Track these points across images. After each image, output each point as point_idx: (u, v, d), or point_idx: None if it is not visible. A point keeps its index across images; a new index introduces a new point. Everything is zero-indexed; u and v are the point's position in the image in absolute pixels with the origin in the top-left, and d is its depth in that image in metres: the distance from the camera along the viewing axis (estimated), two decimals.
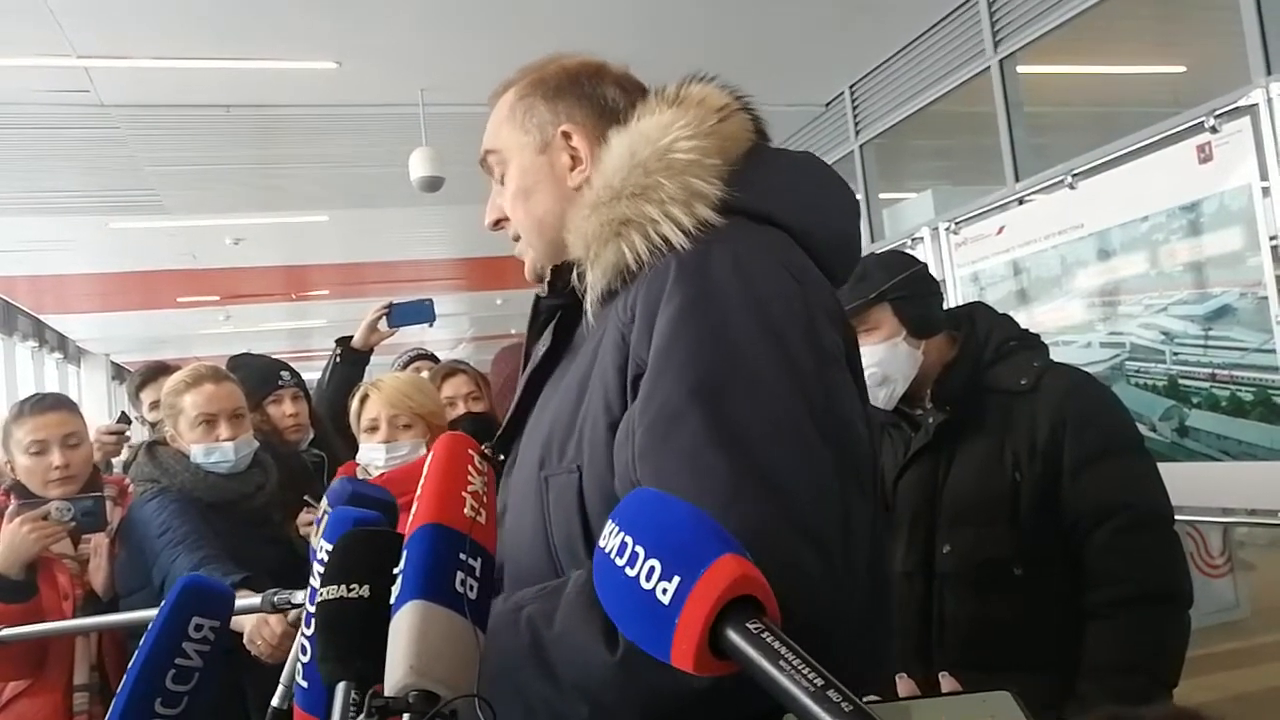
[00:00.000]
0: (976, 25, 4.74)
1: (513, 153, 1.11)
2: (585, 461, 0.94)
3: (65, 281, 9.40)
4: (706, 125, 1.00)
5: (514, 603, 0.91)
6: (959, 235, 4.03)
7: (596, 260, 0.98)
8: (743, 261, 0.93)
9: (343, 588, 0.74)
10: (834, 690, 0.50)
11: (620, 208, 0.97)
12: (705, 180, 0.96)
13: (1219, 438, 2.93)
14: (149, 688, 0.85)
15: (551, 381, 1.07)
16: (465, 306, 12.89)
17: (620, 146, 1.00)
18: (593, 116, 1.07)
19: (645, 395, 0.89)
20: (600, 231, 0.98)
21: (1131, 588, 1.62)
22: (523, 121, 1.10)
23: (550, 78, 1.11)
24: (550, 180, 1.08)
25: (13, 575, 1.98)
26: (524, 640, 0.86)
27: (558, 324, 1.09)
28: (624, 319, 0.95)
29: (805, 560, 0.81)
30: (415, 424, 2.23)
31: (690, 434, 0.85)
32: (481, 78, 4.59)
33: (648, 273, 0.95)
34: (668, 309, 0.91)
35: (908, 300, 1.83)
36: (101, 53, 4.52)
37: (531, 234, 1.11)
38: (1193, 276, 3.00)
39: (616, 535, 0.62)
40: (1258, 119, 2.72)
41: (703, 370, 0.87)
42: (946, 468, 1.80)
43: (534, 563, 0.97)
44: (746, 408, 0.86)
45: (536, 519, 0.97)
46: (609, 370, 0.95)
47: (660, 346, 0.90)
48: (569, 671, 0.83)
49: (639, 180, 0.97)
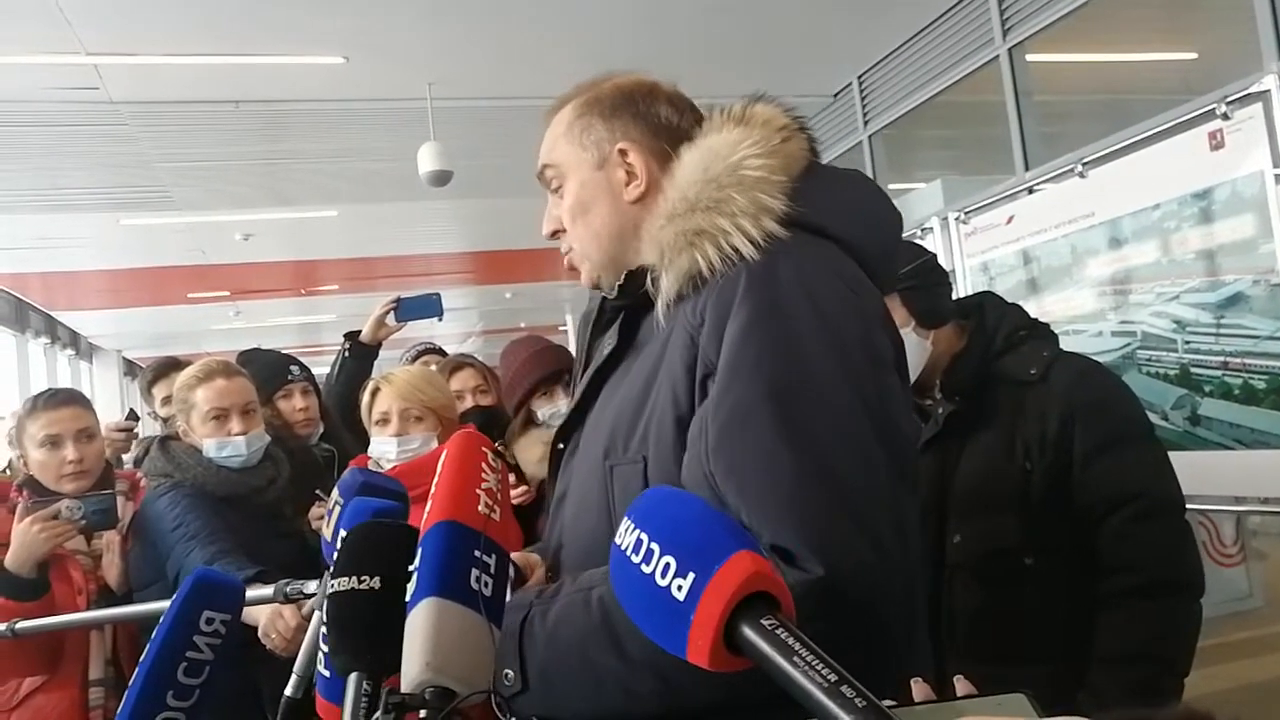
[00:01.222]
0: (985, 14, 4.72)
1: (570, 168, 1.17)
2: (650, 452, 1.02)
3: (77, 278, 9.43)
4: (772, 144, 1.07)
5: (583, 584, 0.98)
6: (968, 225, 4.01)
7: (671, 266, 1.05)
8: (806, 273, 1.01)
9: (354, 579, 0.74)
10: (848, 686, 0.50)
11: (695, 219, 1.03)
12: (772, 196, 1.03)
13: (1231, 426, 2.91)
14: (161, 680, 0.86)
15: (615, 378, 1.14)
16: (474, 300, 12.89)
17: (693, 161, 1.07)
18: (648, 134, 1.14)
19: (718, 395, 0.97)
20: (675, 240, 1.04)
21: (1142, 577, 1.61)
22: (580, 138, 1.16)
23: (606, 97, 1.17)
24: (608, 195, 1.14)
25: (24, 574, 1.99)
26: (595, 619, 0.93)
27: (623, 324, 1.15)
28: (694, 322, 1.02)
29: (861, 549, 0.89)
30: (426, 417, 2.23)
31: (761, 431, 0.93)
32: (488, 72, 4.57)
33: (718, 280, 1.01)
34: (739, 316, 0.98)
35: (916, 290, 1.83)
36: (110, 50, 4.53)
37: (589, 246, 1.16)
38: (1204, 264, 2.97)
39: (632, 532, 0.63)
40: (1269, 105, 2.70)
41: (772, 374, 0.95)
42: (956, 458, 1.80)
43: (596, 545, 1.02)
44: (813, 410, 0.94)
45: (601, 505, 1.05)
46: (678, 368, 1.02)
47: (732, 351, 0.98)
48: (638, 649, 0.88)
49: (712, 194, 1.03)
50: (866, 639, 0.88)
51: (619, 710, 0.94)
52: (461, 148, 5.20)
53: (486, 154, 5.85)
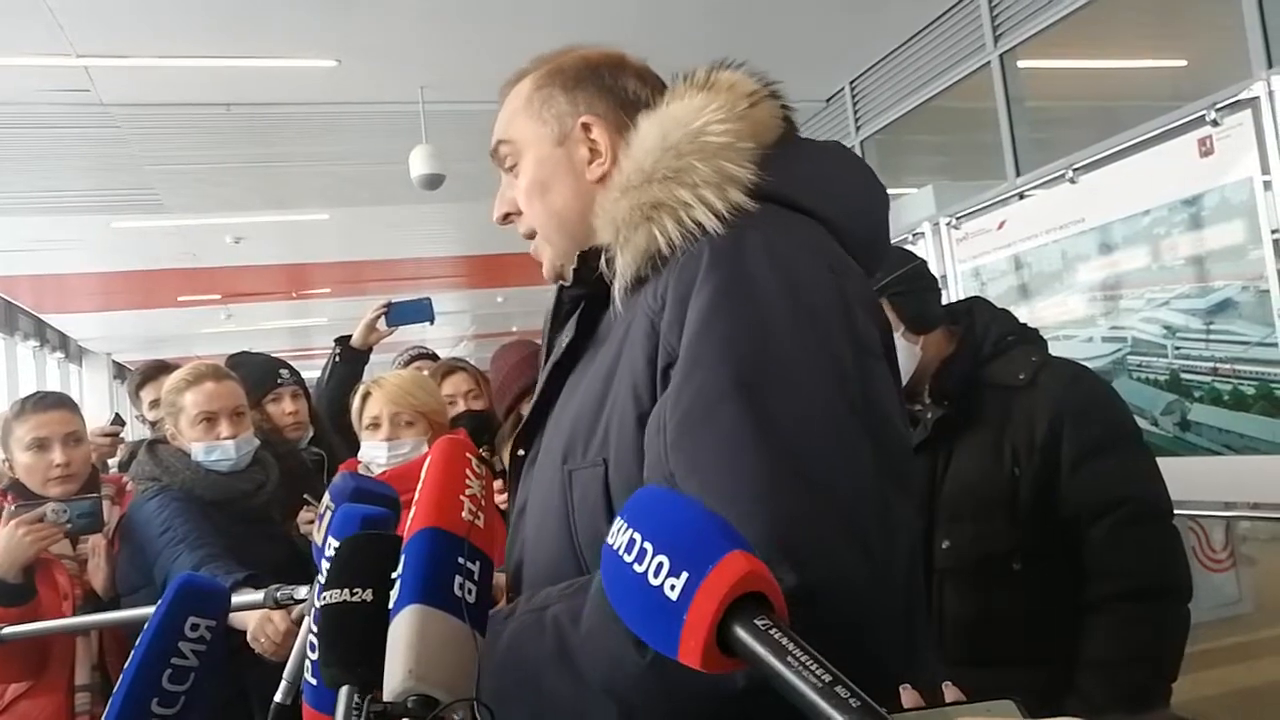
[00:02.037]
0: (977, 20, 4.74)
1: (528, 144, 1.06)
2: (611, 455, 0.91)
3: (66, 281, 9.40)
4: (739, 109, 0.97)
5: (538, 602, 0.89)
6: (960, 230, 4.02)
7: (626, 245, 0.95)
8: (778, 248, 0.90)
9: (345, 592, 0.74)
10: (842, 686, 0.50)
11: (652, 190, 0.93)
12: (739, 164, 0.93)
13: (1221, 432, 2.92)
14: (146, 687, 0.85)
15: (575, 374, 1.03)
16: (466, 304, 12.89)
17: (651, 130, 0.97)
18: (614, 108, 1.04)
19: (678, 385, 0.86)
20: (630, 215, 0.94)
21: (1130, 581, 1.61)
22: (540, 112, 1.06)
23: (569, 67, 1.07)
24: (569, 173, 1.04)
25: (10, 579, 1.97)
26: (549, 644, 0.84)
27: (581, 315, 1.05)
28: (654, 307, 0.92)
29: (844, 556, 0.78)
30: (417, 421, 2.23)
31: (727, 426, 0.82)
32: (481, 75, 4.57)
33: (679, 258, 0.91)
34: (701, 296, 0.88)
35: (905, 295, 1.83)
36: (101, 52, 4.52)
37: (549, 228, 1.07)
38: (1194, 270, 2.99)
39: (625, 532, 0.62)
40: (1259, 112, 2.71)
41: (739, 360, 0.84)
42: (945, 463, 1.80)
43: (557, 559, 0.94)
44: (784, 400, 0.83)
45: (560, 514, 0.95)
46: (638, 360, 0.92)
47: (693, 335, 0.87)
48: (597, 673, 0.81)
49: (671, 163, 0.93)
50: (855, 657, 0.76)
51: None
52: (454, 151, 5.19)
53: (479, 157, 5.72)
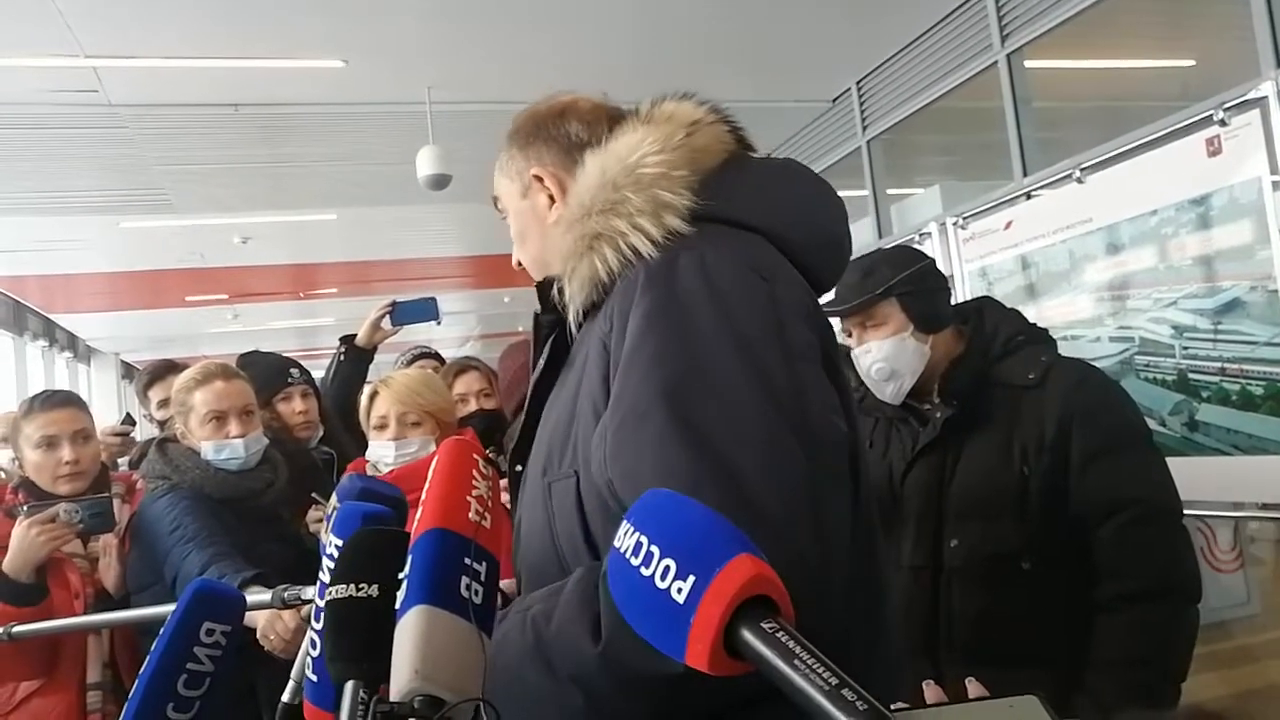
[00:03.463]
0: (984, 20, 4.73)
1: (507, 200, 1.21)
2: (580, 465, 0.99)
3: (75, 281, 9.43)
4: (675, 140, 1.05)
5: (524, 604, 0.96)
6: (967, 230, 4.02)
7: (574, 274, 1.04)
8: (708, 264, 0.97)
9: (351, 587, 0.74)
10: (849, 689, 0.50)
11: (590, 223, 1.03)
12: (673, 191, 1.01)
13: (1229, 432, 2.91)
14: (161, 693, 0.85)
15: (553, 394, 1.12)
16: (473, 304, 12.89)
17: (593, 167, 1.07)
18: (560, 155, 1.14)
19: (615, 397, 0.94)
20: (575, 247, 1.04)
21: (1139, 582, 1.61)
22: (507, 170, 1.20)
23: (522, 126, 1.19)
24: (535, 220, 1.17)
25: (23, 579, 1.99)
26: (529, 640, 0.91)
27: (555, 340, 1.14)
28: (604, 329, 1.00)
29: (771, 546, 0.77)
30: (425, 421, 2.23)
31: (655, 432, 0.88)
32: (488, 75, 4.56)
33: (620, 284, 1.00)
34: (635, 315, 0.96)
35: (915, 295, 1.83)
36: (109, 53, 4.53)
37: (533, 270, 1.20)
38: (1202, 270, 2.98)
39: (632, 535, 0.62)
40: (1267, 112, 2.70)
41: (667, 371, 0.91)
42: (954, 462, 1.80)
43: (545, 565, 1.01)
44: (709, 405, 0.89)
45: (544, 523, 1.03)
46: (594, 378, 0.99)
47: (628, 349, 0.94)
48: (564, 665, 0.87)
49: (608, 196, 1.02)
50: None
51: None
52: (460, 151, 5.19)
53: (485, 158, 5.70)
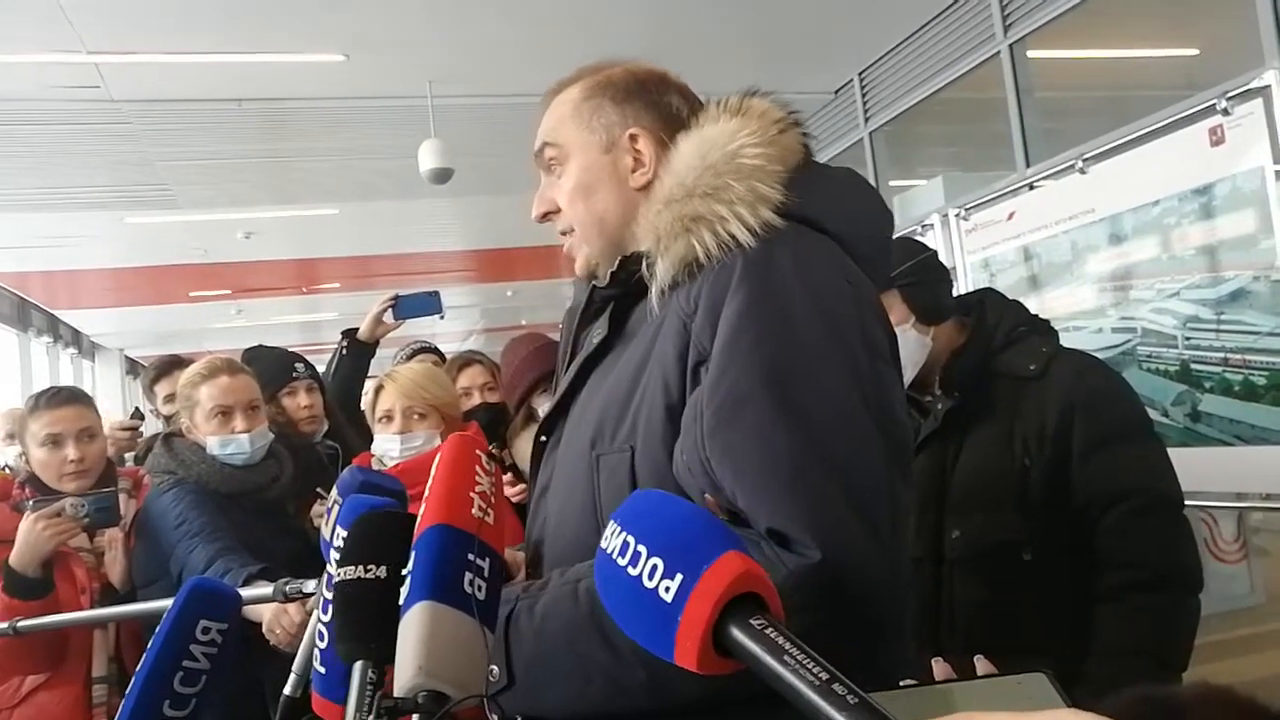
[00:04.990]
0: (986, 10, 4.72)
1: (575, 149, 1.15)
2: (639, 441, 1.01)
3: (79, 277, 9.43)
4: (769, 135, 1.07)
5: (570, 576, 0.96)
6: (969, 221, 4.01)
7: (666, 252, 1.04)
8: (803, 260, 1.01)
9: (360, 568, 0.75)
10: (839, 684, 0.50)
11: (693, 205, 1.03)
12: (769, 185, 1.03)
13: (1232, 422, 2.91)
14: (157, 690, 0.86)
15: (602, 367, 1.12)
16: (476, 298, 12.88)
17: (690, 149, 1.07)
18: (659, 122, 1.13)
19: (714, 379, 0.96)
20: (672, 226, 1.04)
21: (1140, 572, 1.62)
22: (589, 120, 1.15)
23: (619, 80, 1.16)
24: (613, 179, 1.14)
25: (29, 573, 2.00)
26: (583, 611, 0.91)
27: (613, 313, 1.14)
28: (687, 309, 1.02)
29: (859, 535, 0.88)
30: (430, 415, 2.24)
31: (758, 414, 0.92)
32: (489, 69, 4.56)
33: (714, 267, 1.01)
34: (735, 301, 0.98)
35: (916, 286, 1.83)
36: (112, 49, 4.53)
37: (590, 230, 1.15)
38: (1205, 260, 2.97)
39: (619, 535, 0.62)
40: (1270, 101, 2.70)
41: (769, 359, 0.95)
42: (955, 453, 1.80)
43: (583, 538, 1.02)
44: (810, 394, 0.93)
45: (586, 496, 1.04)
46: (670, 356, 1.01)
47: (727, 337, 0.97)
48: (627, 640, 0.87)
49: (710, 181, 1.03)
50: (861, 628, 0.88)
51: (606, 704, 0.92)
52: (462, 145, 5.20)
53: (488, 151, 5.85)
